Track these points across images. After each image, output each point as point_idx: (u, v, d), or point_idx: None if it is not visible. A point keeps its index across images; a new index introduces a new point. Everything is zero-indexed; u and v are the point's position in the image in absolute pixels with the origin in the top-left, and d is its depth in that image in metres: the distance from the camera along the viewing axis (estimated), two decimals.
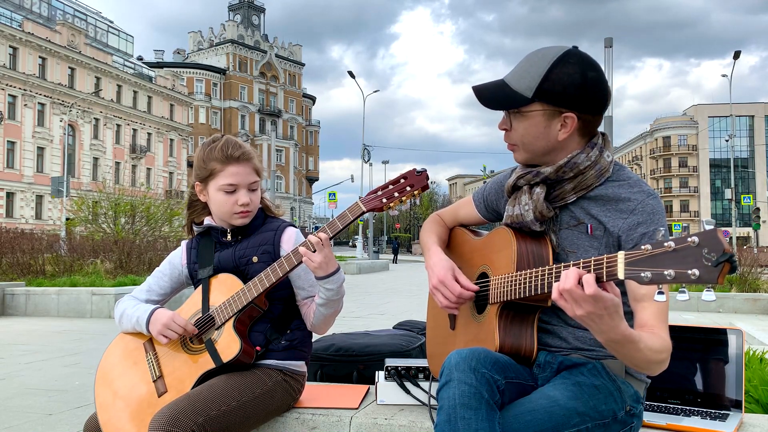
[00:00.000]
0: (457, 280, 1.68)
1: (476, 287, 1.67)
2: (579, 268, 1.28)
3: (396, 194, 1.82)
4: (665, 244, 1.11)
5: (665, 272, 1.10)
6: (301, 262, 1.86)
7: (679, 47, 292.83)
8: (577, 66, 1.54)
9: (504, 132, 1.66)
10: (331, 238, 1.87)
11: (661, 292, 1.15)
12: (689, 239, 1.08)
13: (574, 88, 1.53)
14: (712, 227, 1.08)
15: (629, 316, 1.53)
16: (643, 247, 1.15)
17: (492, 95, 1.63)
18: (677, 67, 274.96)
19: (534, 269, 1.46)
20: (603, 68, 1.68)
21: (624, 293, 1.53)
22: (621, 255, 1.19)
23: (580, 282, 1.26)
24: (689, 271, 1.07)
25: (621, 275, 1.18)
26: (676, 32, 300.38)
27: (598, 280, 1.25)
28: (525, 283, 1.47)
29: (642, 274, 1.14)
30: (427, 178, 1.83)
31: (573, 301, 1.27)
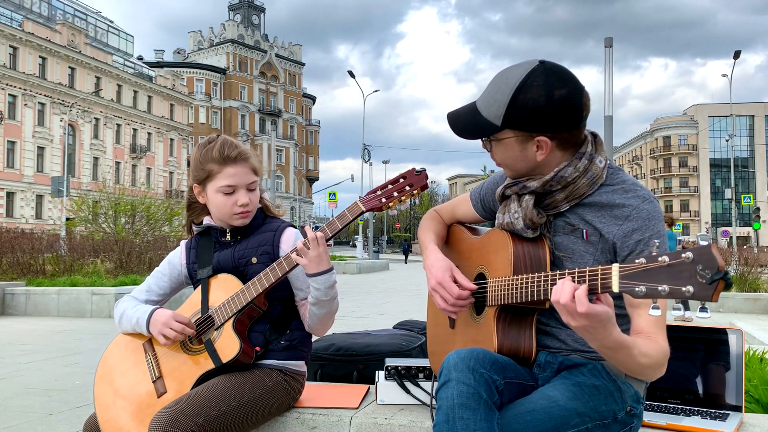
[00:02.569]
0: (455, 281, 1.67)
1: (474, 286, 1.67)
2: (574, 278, 1.28)
3: (395, 194, 1.82)
4: (659, 258, 1.10)
5: (659, 287, 1.09)
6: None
7: (685, 47, 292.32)
8: (541, 88, 1.49)
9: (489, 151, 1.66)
10: (330, 238, 1.87)
11: (656, 307, 1.13)
12: (684, 255, 1.07)
13: (540, 112, 1.49)
14: (707, 243, 1.07)
15: (627, 319, 1.53)
16: (637, 260, 1.14)
17: (465, 125, 1.62)
18: (683, 66, 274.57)
19: (530, 275, 1.45)
20: (603, 68, 1.67)
21: (620, 296, 1.52)
22: (615, 267, 1.18)
23: (574, 297, 1.26)
24: (683, 288, 1.06)
25: (615, 288, 1.18)
26: (682, 32, 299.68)
27: (593, 292, 1.24)
28: (521, 289, 1.47)
29: (636, 288, 1.13)
30: (427, 178, 1.83)
31: (568, 314, 1.28)
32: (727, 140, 41.87)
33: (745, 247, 25.65)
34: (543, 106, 1.49)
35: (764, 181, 77.98)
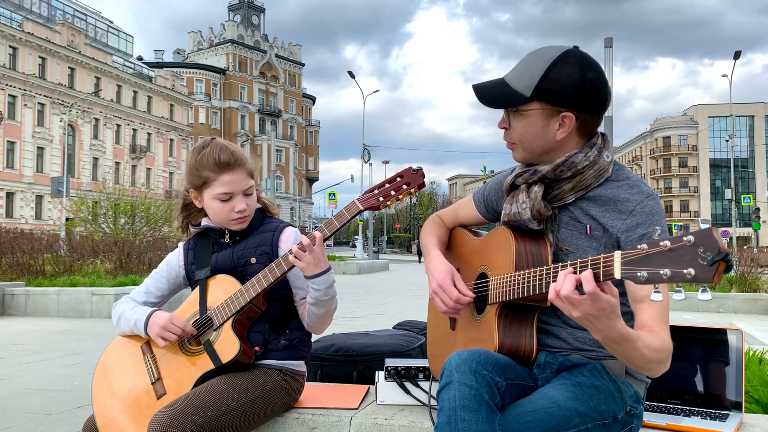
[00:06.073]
0: (455, 286, 1.68)
1: (473, 294, 1.68)
2: (576, 267, 1.28)
3: (392, 192, 1.83)
4: (661, 243, 1.11)
5: (661, 271, 1.10)
6: None
7: (693, 47, 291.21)
8: (576, 66, 1.54)
9: (503, 130, 1.67)
10: (327, 238, 1.87)
11: (657, 292, 1.14)
12: (685, 238, 1.08)
13: (572, 87, 1.53)
14: (707, 226, 1.08)
15: (629, 316, 1.53)
16: (639, 246, 1.14)
17: (491, 94, 1.63)
18: (690, 67, 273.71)
19: (532, 269, 1.46)
20: (603, 69, 1.68)
21: (624, 293, 1.53)
22: (618, 254, 1.19)
23: (577, 285, 1.25)
24: (685, 271, 1.07)
25: (618, 275, 1.18)
26: (690, 32, 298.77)
27: (596, 279, 1.24)
28: (523, 283, 1.47)
29: (638, 274, 1.13)
30: (423, 177, 1.84)
31: (569, 304, 1.27)
32: (727, 140, 41.88)
33: (745, 247, 25.64)
34: (576, 83, 1.53)
35: (764, 181, 78.00)
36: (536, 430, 1.40)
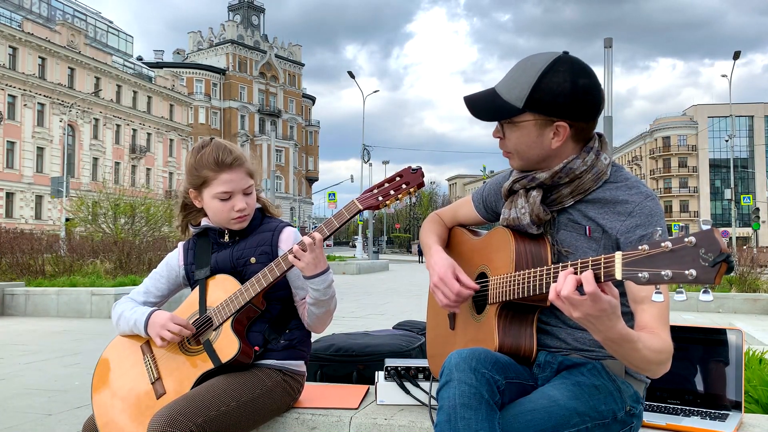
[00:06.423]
0: (457, 278, 1.68)
1: (476, 285, 1.67)
2: (577, 268, 1.28)
3: (392, 192, 1.83)
4: (662, 244, 1.11)
5: (662, 272, 1.10)
6: None
7: (693, 47, 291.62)
8: (567, 74, 1.52)
9: (499, 140, 1.66)
10: (327, 237, 1.87)
11: (658, 292, 1.14)
12: (686, 239, 1.08)
13: (564, 97, 1.52)
14: (709, 227, 1.08)
15: (630, 316, 1.53)
16: (640, 247, 1.14)
17: (483, 107, 1.62)
18: (690, 67, 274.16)
19: (532, 269, 1.46)
20: (603, 69, 1.68)
21: (624, 294, 1.53)
22: (618, 255, 1.19)
23: (578, 286, 1.25)
24: (686, 272, 1.07)
25: (618, 275, 1.18)
26: (691, 32, 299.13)
27: (596, 280, 1.24)
28: (523, 283, 1.47)
29: (639, 275, 1.13)
30: (423, 176, 1.84)
31: (570, 305, 1.27)
32: (726, 140, 41.89)
33: (744, 247, 25.64)
34: (567, 92, 1.51)
35: (764, 181, 78.01)
36: (536, 429, 1.41)
